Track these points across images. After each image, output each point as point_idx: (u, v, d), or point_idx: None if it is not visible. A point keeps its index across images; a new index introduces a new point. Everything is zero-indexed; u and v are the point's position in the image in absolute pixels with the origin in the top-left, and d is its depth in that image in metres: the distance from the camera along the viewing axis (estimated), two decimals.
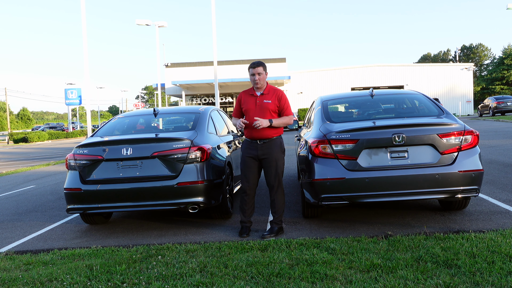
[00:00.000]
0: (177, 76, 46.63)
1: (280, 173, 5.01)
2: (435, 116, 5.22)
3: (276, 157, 4.98)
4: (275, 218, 5.02)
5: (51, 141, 45.79)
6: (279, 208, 5.01)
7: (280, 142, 5.07)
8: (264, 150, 4.99)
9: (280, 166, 5.01)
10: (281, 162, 5.04)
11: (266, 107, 4.97)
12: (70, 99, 36.00)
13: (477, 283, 3.23)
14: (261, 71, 4.98)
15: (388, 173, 4.65)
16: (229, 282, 3.54)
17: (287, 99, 5.10)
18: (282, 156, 5.05)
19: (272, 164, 4.98)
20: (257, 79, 4.96)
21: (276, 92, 5.06)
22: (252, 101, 5.05)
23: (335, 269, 3.67)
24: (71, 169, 5.52)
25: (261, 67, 4.99)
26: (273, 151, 4.98)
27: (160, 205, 5.22)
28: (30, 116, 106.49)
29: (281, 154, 5.05)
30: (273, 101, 4.99)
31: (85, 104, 19.28)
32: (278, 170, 4.98)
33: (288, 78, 44.24)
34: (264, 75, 5.00)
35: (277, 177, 4.99)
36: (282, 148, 5.07)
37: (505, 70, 74.97)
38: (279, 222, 5.01)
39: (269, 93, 5.03)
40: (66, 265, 4.28)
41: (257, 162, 5.06)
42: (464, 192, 4.66)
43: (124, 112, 7.59)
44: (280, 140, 5.07)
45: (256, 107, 4.99)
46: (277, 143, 5.02)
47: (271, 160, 4.98)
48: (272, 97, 5.01)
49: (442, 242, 4.19)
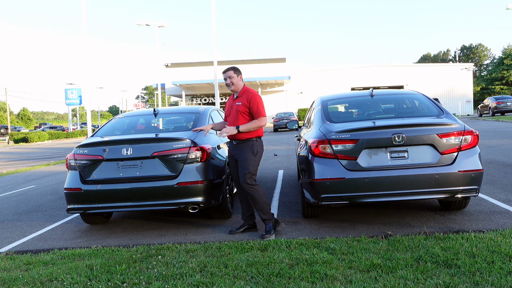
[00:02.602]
0: (177, 76, 46.65)
1: (247, 173, 4.96)
2: (435, 116, 5.23)
3: (245, 157, 5.01)
4: (261, 216, 5.00)
5: (51, 141, 45.79)
6: (260, 205, 4.97)
7: (253, 144, 5.04)
8: (236, 150, 5.12)
9: (249, 166, 4.98)
10: (251, 162, 5.01)
11: (236, 109, 5.10)
12: (70, 99, 35.96)
13: (477, 283, 3.24)
14: (232, 75, 5.14)
15: (388, 173, 4.65)
16: (229, 282, 3.54)
17: (257, 100, 5.06)
18: (252, 157, 5.02)
19: (241, 163, 5.04)
20: (228, 82, 5.16)
21: (248, 94, 5.11)
22: (229, 105, 5.28)
23: (335, 269, 3.68)
24: (71, 169, 5.53)
25: (231, 71, 5.16)
26: (243, 152, 5.04)
27: (160, 205, 5.23)
28: (30, 116, 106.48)
29: (252, 155, 5.02)
30: (243, 103, 5.07)
31: (85, 104, 19.28)
32: (245, 170, 4.97)
33: (288, 78, 44.27)
34: (236, 78, 5.14)
35: (245, 175, 4.97)
36: (254, 150, 5.04)
37: (504, 70, 74.96)
38: (270, 217, 5.00)
39: (242, 95, 5.13)
40: (66, 265, 4.29)
41: (235, 161, 5.20)
42: (464, 192, 4.67)
43: (124, 112, 7.59)
44: (253, 142, 5.05)
45: (231, 110, 5.18)
46: (249, 145, 5.04)
47: (241, 160, 5.06)
48: (243, 99, 5.09)
49: (442, 242, 4.19)
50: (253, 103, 5.05)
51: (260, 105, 5.07)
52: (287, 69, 47.08)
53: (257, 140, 5.11)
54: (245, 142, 5.06)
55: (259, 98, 5.12)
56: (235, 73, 5.16)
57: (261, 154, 5.15)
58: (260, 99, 5.12)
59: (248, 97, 5.08)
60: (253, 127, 5.01)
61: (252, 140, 5.08)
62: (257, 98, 5.09)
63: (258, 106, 5.05)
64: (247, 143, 5.06)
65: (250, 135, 5.05)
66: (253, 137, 5.07)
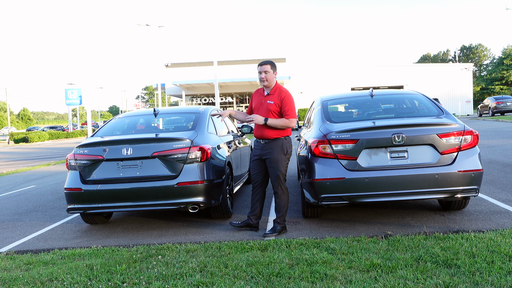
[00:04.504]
0: (177, 76, 46.63)
1: (280, 174, 4.99)
2: (434, 116, 5.23)
3: (276, 158, 4.96)
4: (277, 217, 5.03)
5: (52, 141, 45.79)
6: (281, 208, 5.02)
7: (282, 143, 4.99)
8: (266, 150, 5.02)
9: (281, 168, 4.98)
10: (283, 163, 5.00)
11: (267, 107, 4.97)
12: (71, 99, 35.95)
13: (477, 283, 3.24)
14: (268, 70, 4.99)
15: (387, 173, 4.66)
16: (229, 282, 3.54)
17: (290, 102, 4.96)
18: (283, 158, 4.99)
19: (272, 164, 4.99)
20: (263, 77, 5.00)
21: (280, 93, 4.99)
22: (258, 100, 5.12)
23: (335, 269, 3.68)
24: (71, 169, 5.53)
25: (269, 65, 5.00)
26: (273, 151, 4.97)
27: (160, 205, 5.23)
28: (30, 116, 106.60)
29: (282, 155, 4.98)
30: (275, 102, 4.96)
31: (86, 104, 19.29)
32: (277, 172, 4.97)
33: (288, 78, 44.23)
34: (271, 74, 5.00)
35: (277, 178, 4.99)
36: (284, 149, 4.99)
37: (504, 70, 74.92)
38: (282, 222, 5.01)
39: (274, 93, 5.01)
40: (67, 265, 4.29)
41: (261, 161, 5.10)
42: (463, 192, 4.67)
43: (124, 112, 7.60)
44: (282, 141, 4.99)
45: (260, 107, 5.05)
46: (279, 144, 4.97)
47: (271, 161, 4.98)
48: (275, 98, 4.98)
49: (441, 242, 4.20)
50: (285, 103, 4.94)
51: (292, 106, 4.97)
52: (287, 69, 47.04)
53: (286, 139, 5.04)
54: (275, 141, 4.98)
55: (292, 99, 5.02)
56: (272, 68, 5.01)
57: (291, 153, 5.09)
58: (292, 100, 5.02)
59: (281, 96, 4.97)
60: (280, 125, 4.91)
61: (281, 139, 4.99)
62: (290, 99, 5.00)
63: (290, 107, 4.95)
64: (277, 142, 4.97)
65: (279, 134, 4.96)
66: (282, 136, 4.99)
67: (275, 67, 5.06)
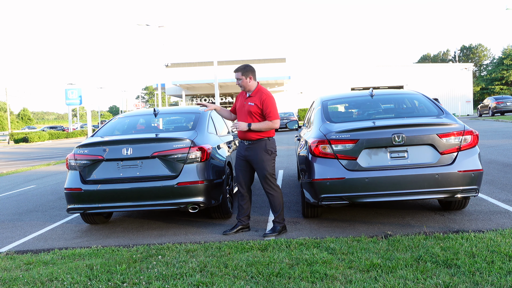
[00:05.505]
0: (177, 76, 46.62)
1: (268, 174, 4.98)
2: (434, 116, 5.23)
3: (261, 158, 4.98)
4: (275, 217, 5.04)
5: (52, 141, 45.79)
6: (277, 208, 5.02)
7: (266, 144, 5.00)
8: (250, 151, 5.05)
9: (267, 167, 4.98)
10: (268, 163, 5.00)
11: (248, 109, 5.01)
12: (71, 99, 35.93)
13: (477, 283, 3.24)
14: (239, 77, 5.04)
15: (387, 173, 4.66)
16: (229, 282, 3.55)
17: (271, 104, 4.99)
18: (268, 158, 5.00)
19: (258, 165, 5.01)
20: (238, 83, 5.09)
21: (261, 95, 5.01)
22: (241, 102, 5.17)
23: (335, 269, 3.68)
24: (71, 169, 5.53)
25: (239, 73, 5.04)
26: (257, 152, 4.99)
27: (160, 205, 5.23)
28: (30, 116, 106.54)
29: (267, 155, 4.99)
30: (256, 103, 4.99)
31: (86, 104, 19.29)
32: (265, 172, 4.98)
33: (288, 78, 44.23)
34: (244, 80, 5.03)
35: (265, 178, 5.00)
36: (267, 149, 5.00)
37: (504, 70, 74.94)
38: (281, 221, 5.02)
39: (255, 95, 5.04)
40: (67, 265, 4.29)
41: (246, 162, 5.13)
42: (463, 192, 4.67)
43: (124, 112, 7.60)
44: (265, 142, 5.00)
45: (242, 108, 5.10)
46: (262, 145, 4.99)
47: (257, 162, 5.01)
48: (256, 99, 5.00)
49: (441, 242, 4.20)
50: (265, 105, 4.96)
51: (273, 107, 4.99)
52: (287, 69, 47.04)
53: (269, 139, 5.05)
54: (257, 142, 5.00)
55: (272, 100, 5.02)
56: (244, 74, 5.02)
57: (275, 153, 5.10)
58: (273, 101, 5.02)
59: (261, 98, 4.98)
60: (264, 128, 4.95)
61: (264, 140, 5.01)
62: (271, 100, 5.00)
63: (271, 109, 4.96)
64: (260, 143, 5.00)
65: (262, 135, 4.99)
66: (264, 137, 5.01)
67: (249, 72, 5.04)
